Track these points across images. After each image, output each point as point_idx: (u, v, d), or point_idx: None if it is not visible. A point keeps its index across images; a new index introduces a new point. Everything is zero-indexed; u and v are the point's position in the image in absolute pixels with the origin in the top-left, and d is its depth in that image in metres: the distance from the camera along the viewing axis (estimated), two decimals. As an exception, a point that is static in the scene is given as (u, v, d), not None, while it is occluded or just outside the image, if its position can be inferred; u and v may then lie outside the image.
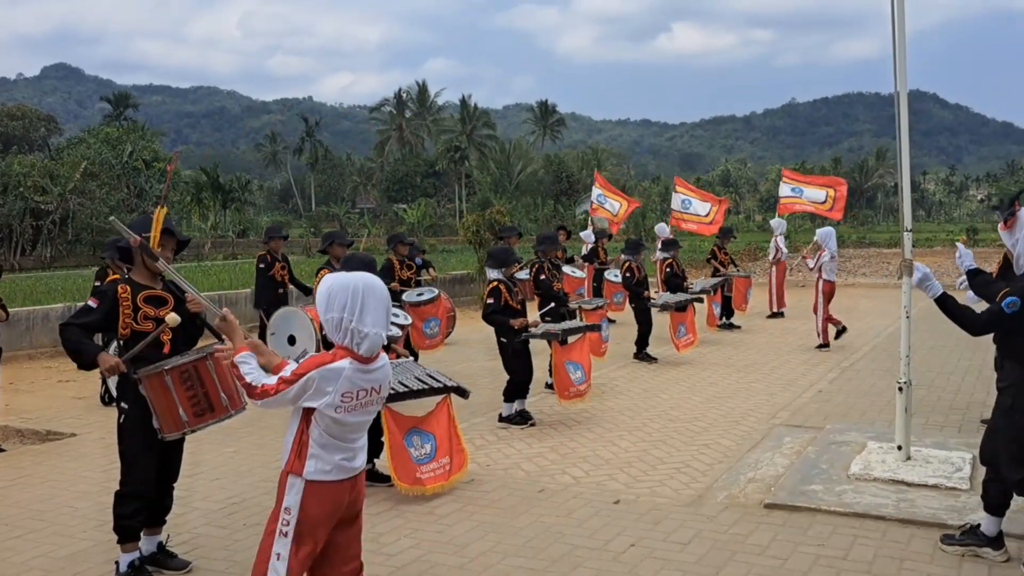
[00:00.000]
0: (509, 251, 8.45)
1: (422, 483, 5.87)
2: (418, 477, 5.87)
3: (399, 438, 5.87)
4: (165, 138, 71.51)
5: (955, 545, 4.84)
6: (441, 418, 6.15)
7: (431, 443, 6.02)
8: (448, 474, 6.03)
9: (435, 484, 5.94)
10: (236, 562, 4.87)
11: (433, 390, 6.14)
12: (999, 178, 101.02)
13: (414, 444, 5.94)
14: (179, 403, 4.41)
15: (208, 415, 4.51)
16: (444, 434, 6.11)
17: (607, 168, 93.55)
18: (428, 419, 6.12)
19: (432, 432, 6.06)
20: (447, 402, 6.21)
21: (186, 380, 4.43)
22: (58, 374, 11.16)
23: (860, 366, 10.96)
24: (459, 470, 6.13)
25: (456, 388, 6.23)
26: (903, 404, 6.26)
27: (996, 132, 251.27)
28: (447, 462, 6.05)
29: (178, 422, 4.43)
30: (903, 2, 6.07)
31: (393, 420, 5.87)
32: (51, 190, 36.91)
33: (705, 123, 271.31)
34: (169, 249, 4.65)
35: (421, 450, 5.95)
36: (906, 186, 6.28)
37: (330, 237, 9.36)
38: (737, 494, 5.96)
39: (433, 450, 6.01)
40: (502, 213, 23.83)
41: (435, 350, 11.13)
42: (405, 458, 5.87)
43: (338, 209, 74.77)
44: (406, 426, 5.96)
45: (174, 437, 4.49)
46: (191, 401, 4.44)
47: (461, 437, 6.27)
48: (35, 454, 7.31)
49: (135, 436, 4.51)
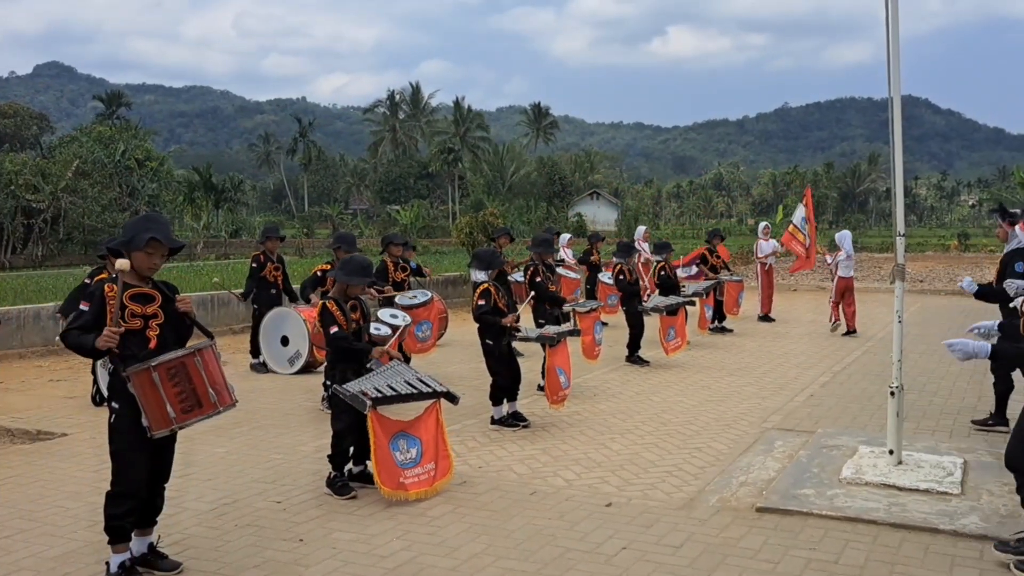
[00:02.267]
0: (494, 253, 8.45)
1: (405, 488, 5.81)
2: (401, 482, 5.80)
3: (384, 441, 5.80)
4: (158, 137, 71.47)
5: (1008, 552, 4.70)
6: (429, 423, 6.08)
7: (417, 447, 5.96)
8: (432, 480, 5.97)
9: (419, 489, 5.87)
10: (227, 563, 4.85)
11: (422, 395, 6.07)
12: (990, 183, 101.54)
13: (400, 448, 5.88)
14: (166, 399, 4.41)
15: (196, 411, 4.52)
16: (431, 439, 6.04)
17: (599, 171, 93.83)
18: (416, 423, 6.06)
19: (419, 436, 5.99)
20: (436, 407, 6.14)
21: (173, 376, 4.43)
22: (49, 373, 11.12)
23: (852, 370, 10.99)
24: (443, 476, 6.07)
25: (446, 393, 6.14)
26: (895, 408, 6.27)
27: (987, 138, 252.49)
28: (432, 468, 5.99)
29: (166, 419, 4.43)
30: (898, 9, 6.10)
31: (379, 424, 5.80)
32: (43, 188, 36.79)
33: (698, 126, 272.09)
34: (159, 256, 4.57)
35: (407, 454, 5.89)
36: (899, 191, 6.30)
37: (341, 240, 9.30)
38: (729, 497, 5.96)
39: (419, 455, 5.94)
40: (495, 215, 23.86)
41: (427, 353, 11.12)
42: (389, 463, 5.81)
43: (331, 210, 74.74)
44: (392, 430, 5.90)
45: (163, 434, 4.47)
46: (179, 397, 4.44)
47: (448, 443, 6.21)
48: (25, 454, 7.28)
49: (126, 436, 4.49)
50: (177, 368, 4.44)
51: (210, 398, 4.54)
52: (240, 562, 4.87)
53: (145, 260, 4.53)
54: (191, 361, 4.49)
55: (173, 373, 4.43)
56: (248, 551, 5.03)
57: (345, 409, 5.99)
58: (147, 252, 4.51)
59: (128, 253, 4.52)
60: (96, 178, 40.59)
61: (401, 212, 59.91)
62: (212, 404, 4.55)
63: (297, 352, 10.83)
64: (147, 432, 4.43)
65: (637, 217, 56.03)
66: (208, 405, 4.54)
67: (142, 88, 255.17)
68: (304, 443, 7.47)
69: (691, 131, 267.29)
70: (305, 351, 10.68)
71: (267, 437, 7.71)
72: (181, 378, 4.45)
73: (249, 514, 5.65)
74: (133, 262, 4.52)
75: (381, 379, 6.06)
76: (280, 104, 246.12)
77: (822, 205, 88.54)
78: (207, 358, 4.59)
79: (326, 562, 4.86)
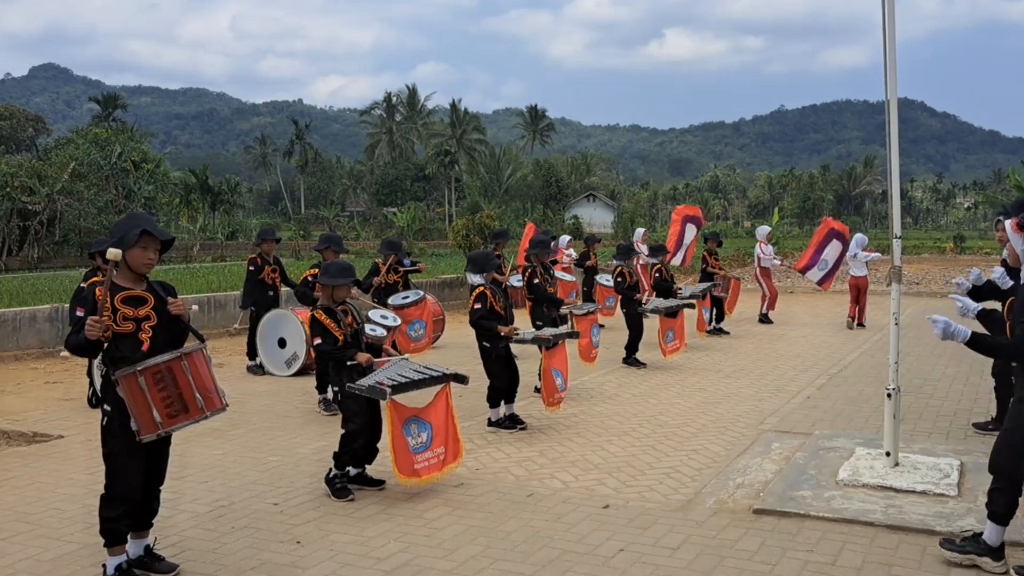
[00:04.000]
0: (489, 256, 8.45)
1: (418, 474, 5.90)
2: (416, 468, 5.89)
3: (400, 429, 5.89)
4: (154, 139, 71.31)
5: (955, 551, 4.79)
6: (439, 407, 6.19)
7: (428, 431, 6.06)
8: (442, 464, 6.08)
9: (429, 475, 5.97)
10: (224, 565, 4.85)
11: (434, 379, 6.19)
12: (986, 186, 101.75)
13: (411, 433, 5.96)
14: (152, 404, 4.38)
15: (182, 416, 4.48)
16: (441, 423, 6.15)
17: (596, 173, 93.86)
18: (427, 408, 6.16)
19: (429, 421, 6.10)
20: (446, 391, 6.24)
21: (159, 381, 4.40)
22: (45, 375, 11.09)
23: (848, 372, 11.00)
24: (454, 460, 6.18)
25: (455, 376, 6.28)
26: (892, 410, 6.28)
27: (983, 141, 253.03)
28: (442, 451, 6.10)
29: (152, 423, 4.39)
30: (894, 12, 6.12)
31: (395, 411, 5.88)
32: (39, 191, 36.72)
33: (694, 129, 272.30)
34: (153, 250, 4.57)
35: (418, 439, 5.98)
36: (895, 193, 6.32)
37: (327, 240, 9.47)
38: (726, 499, 5.97)
39: (429, 439, 6.04)
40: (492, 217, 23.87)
41: (422, 353, 11.11)
42: (405, 450, 5.88)
43: (327, 212, 74.69)
44: (405, 415, 5.98)
45: (151, 439, 4.44)
46: (164, 402, 4.40)
47: (458, 427, 6.29)
48: (21, 456, 7.26)
49: (118, 439, 4.47)
50: (163, 372, 4.41)
51: (197, 403, 4.49)
52: (237, 564, 4.87)
53: (140, 256, 4.52)
54: (178, 365, 4.45)
55: (159, 377, 4.40)
56: (245, 553, 5.02)
57: (357, 411, 6.02)
58: (141, 247, 4.50)
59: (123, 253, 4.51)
60: (92, 180, 40.52)
61: (398, 214, 59.90)
62: (199, 409, 4.51)
63: (294, 354, 10.82)
64: (136, 436, 4.42)
65: (633, 219, 56.04)
66: (195, 410, 4.50)
67: (138, 90, 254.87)
68: (301, 445, 7.47)
69: (687, 133, 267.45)
70: (302, 353, 10.66)
71: (264, 439, 7.70)
72: (167, 382, 4.42)
73: (246, 516, 5.64)
74: (128, 261, 4.50)
75: (391, 371, 6.11)
76: (277, 106, 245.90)
77: (818, 208, 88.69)
78: (196, 362, 4.54)
79: (323, 564, 4.85)
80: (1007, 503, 4.67)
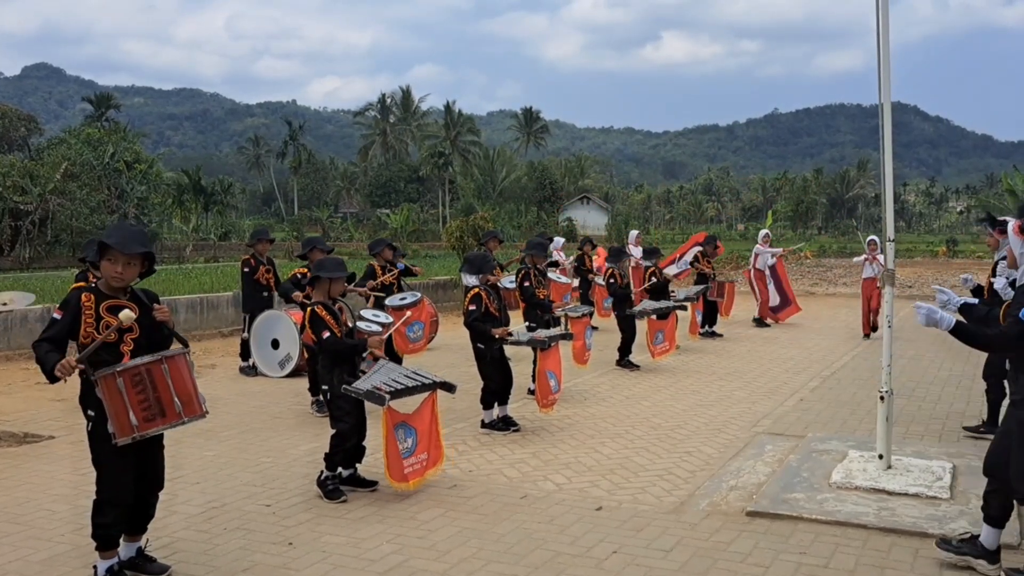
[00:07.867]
0: (486, 257, 8.44)
1: (407, 479, 5.94)
2: (405, 473, 5.93)
3: (392, 433, 5.92)
4: (147, 140, 71.01)
5: (950, 552, 4.79)
6: (425, 414, 6.22)
7: (413, 437, 6.10)
8: (424, 469, 6.13)
9: (414, 479, 6.01)
10: (216, 567, 4.83)
11: (424, 386, 6.22)
12: (978, 190, 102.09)
13: (399, 438, 6.00)
14: (129, 406, 4.32)
15: (159, 420, 4.40)
16: (425, 429, 6.19)
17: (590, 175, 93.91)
18: (413, 414, 6.18)
19: (415, 427, 6.13)
20: (432, 398, 6.27)
21: (137, 383, 4.34)
22: (36, 376, 11.03)
23: (841, 375, 11.02)
24: (434, 465, 6.23)
25: (443, 384, 6.33)
26: (885, 413, 6.29)
27: (976, 145, 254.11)
28: (425, 457, 6.15)
29: (128, 426, 4.33)
30: (888, 17, 6.13)
31: (390, 417, 5.90)
32: (31, 190, 36.54)
33: (688, 132, 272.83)
34: (122, 264, 4.41)
35: (404, 444, 6.02)
36: (889, 197, 6.33)
37: (311, 243, 9.52)
38: (719, 501, 5.97)
39: (414, 444, 6.09)
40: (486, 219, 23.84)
41: (418, 354, 11.10)
42: (397, 455, 5.92)
43: (321, 213, 74.60)
44: (396, 420, 6.01)
45: (126, 442, 4.36)
46: (141, 405, 4.34)
47: (440, 434, 6.34)
48: (12, 456, 7.22)
49: (105, 443, 4.41)
50: (143, 374, 4.35)
51: (175, 407, 4.42)
52: (229, 566, 4.85)
53: (108, 268, 4.43)
54: (158, 368, 4.40)
55: (138, 379, 4.34)
56: (237, 554, 5.00)
57: (349, 411, 6.01)
58: (108, 260, 4.42)
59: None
60: (85, 180, 40.33)
61: (391, 216, 59.82)
62: (176, 414, 4.44)
63: (288, 355, 10.79)
64: (111, 439, 4.35)
65: (627, 222, 56.15)
66: (172, 415, 4.43)
67: (132, 90, 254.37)
68: (294, 446, 7.45)
69: (681, 136, 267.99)
70: (296, 354, 10.63)
71: (256, 440, 7.68)
72: (145, 385, 4.35)
73: (238, 517, 5.63)
74: (101, 272, 4.48)
75: (383, 376, 6.11)
76: (271, 107, 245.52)
77: (811, 211, 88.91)
78: (177, 366, 4.48)
79: (316, 566, 4.84)
80: (1001, 506, 4.68)
